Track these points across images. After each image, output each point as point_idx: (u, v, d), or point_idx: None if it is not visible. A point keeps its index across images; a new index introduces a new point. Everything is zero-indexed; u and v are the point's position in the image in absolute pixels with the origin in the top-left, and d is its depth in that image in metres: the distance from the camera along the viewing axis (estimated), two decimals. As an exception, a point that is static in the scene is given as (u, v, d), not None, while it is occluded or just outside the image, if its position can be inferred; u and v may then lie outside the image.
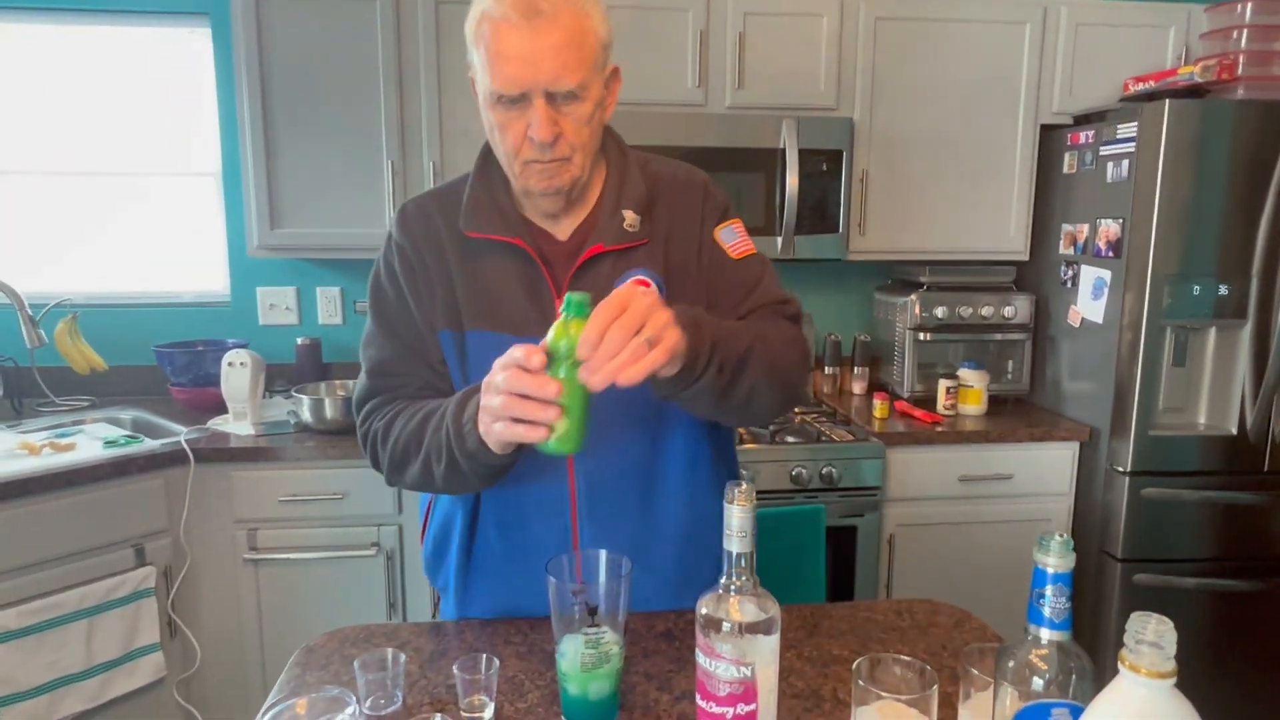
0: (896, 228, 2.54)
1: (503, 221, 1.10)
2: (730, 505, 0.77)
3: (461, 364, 1.11)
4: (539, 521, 1.13)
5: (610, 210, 1.10)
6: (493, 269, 1.10)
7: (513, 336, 1.06)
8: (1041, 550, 0.71)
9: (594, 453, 1.06)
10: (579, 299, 0.86)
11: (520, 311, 1.09)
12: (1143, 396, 2.23)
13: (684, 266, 1.13)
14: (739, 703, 0.77)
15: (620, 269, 1.10)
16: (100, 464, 1.92)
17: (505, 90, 0.98)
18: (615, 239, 1.09)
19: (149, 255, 2.67)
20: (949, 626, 1.16)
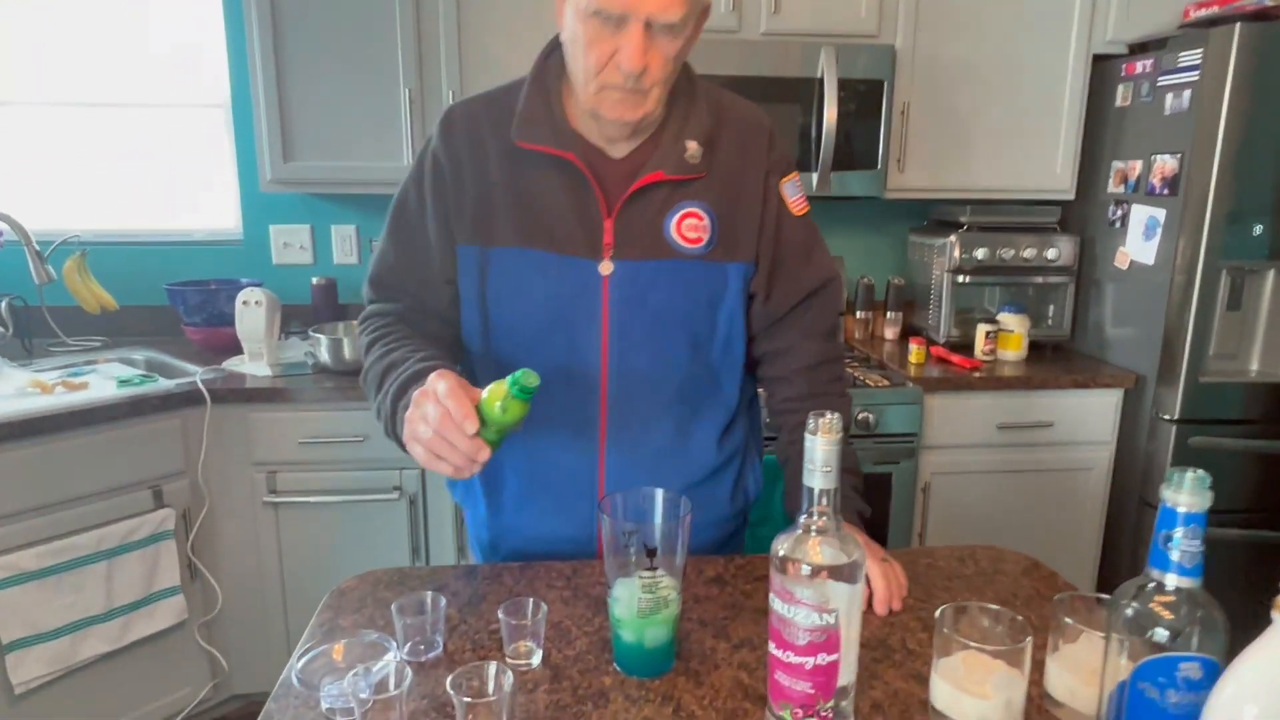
0: (937, 165, 2.42)
1: (556, 135, 1.04)
2: (814, 436, 0.69)
3: (482, 281, 1.07)
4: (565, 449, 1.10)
5: (673, 137, 1.05)
6: (540, 184, 1.05)
7: (556, 255, 1.04)
8: (1172, 487, 0.63)
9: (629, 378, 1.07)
10: (532, 386, 0.86)
11: (566, 230, 1.05)
12: (1194, 342, 2.14)
13: (739, 208, 1.09)
14: (820, 652, 0.70)
15: (675, 200, 1.06)
16: (115, 403, 1.86)
17: (607, 7, 0.91)
18: (676, 168, 1.04)
19: (158, 191, 2.58)
20: (1016, 574, 1.09)
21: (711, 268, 1.07)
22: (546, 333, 1.06)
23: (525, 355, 1.06)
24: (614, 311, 1.05)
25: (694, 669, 0.87)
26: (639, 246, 1.05)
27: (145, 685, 1.99)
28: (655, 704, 0.81)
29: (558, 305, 1.05)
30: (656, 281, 1.05)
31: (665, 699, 0.82)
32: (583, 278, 1.05)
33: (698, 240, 1.06)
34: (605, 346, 1.06)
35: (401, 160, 2.25)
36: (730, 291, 1.09)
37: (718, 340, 1.11)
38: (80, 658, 1.83)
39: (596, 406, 1.08)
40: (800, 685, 0.71)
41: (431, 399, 0.86)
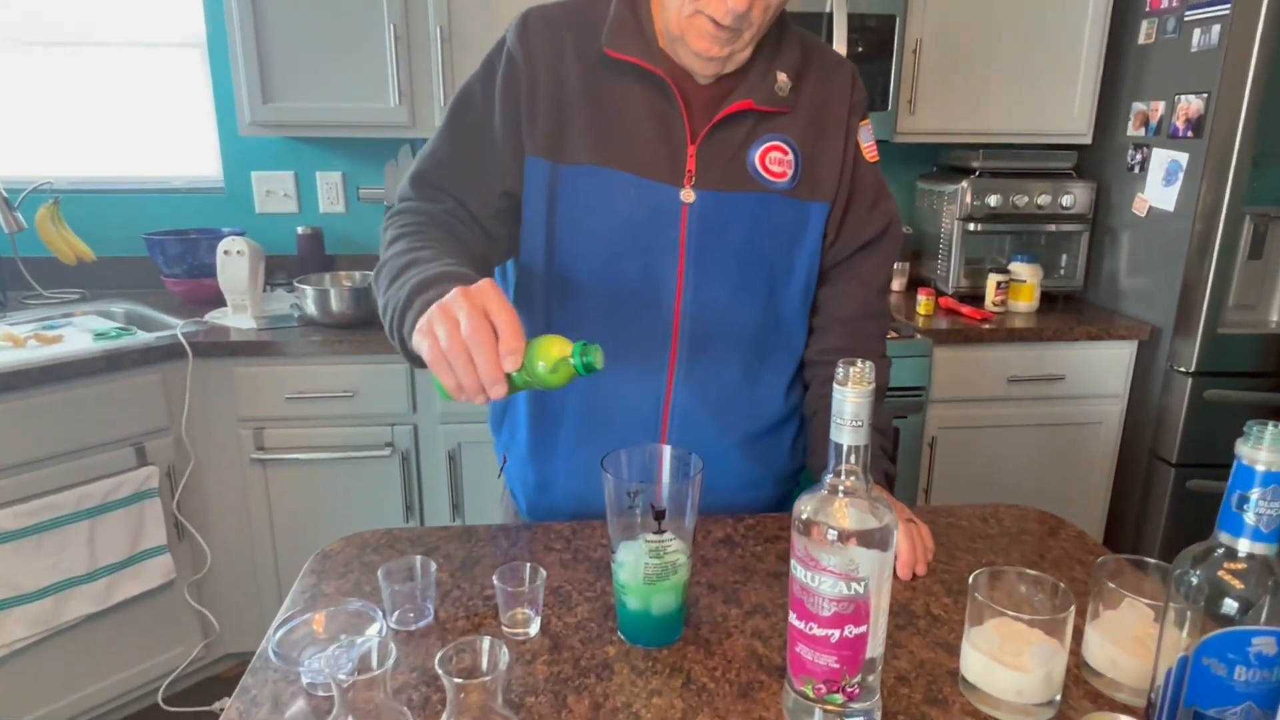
0: (951, 106, 2.32)
1: (647, 49, 0.96)
2: (843, 387, 0.62)
3: (551, 199, 0.98)
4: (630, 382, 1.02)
5: (763, 69, 0.99)
6: (624, 98, 0.97)
7: (635, 177, 0.97)
8: (1250, 442, 0.56)
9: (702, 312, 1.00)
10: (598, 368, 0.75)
11: (648, 150, 0.97)
12: (1214, 292, 2.06)
13: (822, 145, 1.03)
14: (847, 624, 0.63)
15: (760, 132, 1.00)
16: (91, 357, 1.78)
17: None
18: (764, 99, 0.98)
19: (134, 136, 2.46)
20: (1043, 534, 1.03)
21: (794, 205, 1.01)
22: (619, 259, 0.99)
23: (595, 282, 1.00)
24: (692, 243, 0.99)
25: (704, 638, 0.81)
26: (722, 176, 0.98)
27: (135, 646, 1.95)
28: (663, 676, 0.75)
29: (634, 231, 0.98)
30: (738, 214, 0.99)
31: (674, 670, 0.76)
32: (662, 204, 0.98)
33: (782, 174, 1.00)
34: (681, 278, 1.00)
35: (387, 101, 2.13)
36: (811, 232, 1.03)
37: (794, 284, 1.05)
38: (64, 619, 1.79)
39: (667, 342, 1.01)
40: (824, 659, 0.65)
41: (474, 307, 0.72)
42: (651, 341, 1.01)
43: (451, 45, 2.11)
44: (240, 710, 0.70)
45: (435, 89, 2.13)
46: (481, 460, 2.08)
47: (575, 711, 0.70)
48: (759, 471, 1.09)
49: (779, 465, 1.11)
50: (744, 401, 1.05)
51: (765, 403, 1.07)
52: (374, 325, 2.07)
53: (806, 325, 1.09)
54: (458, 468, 2.08)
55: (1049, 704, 0.70)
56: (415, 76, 2.13)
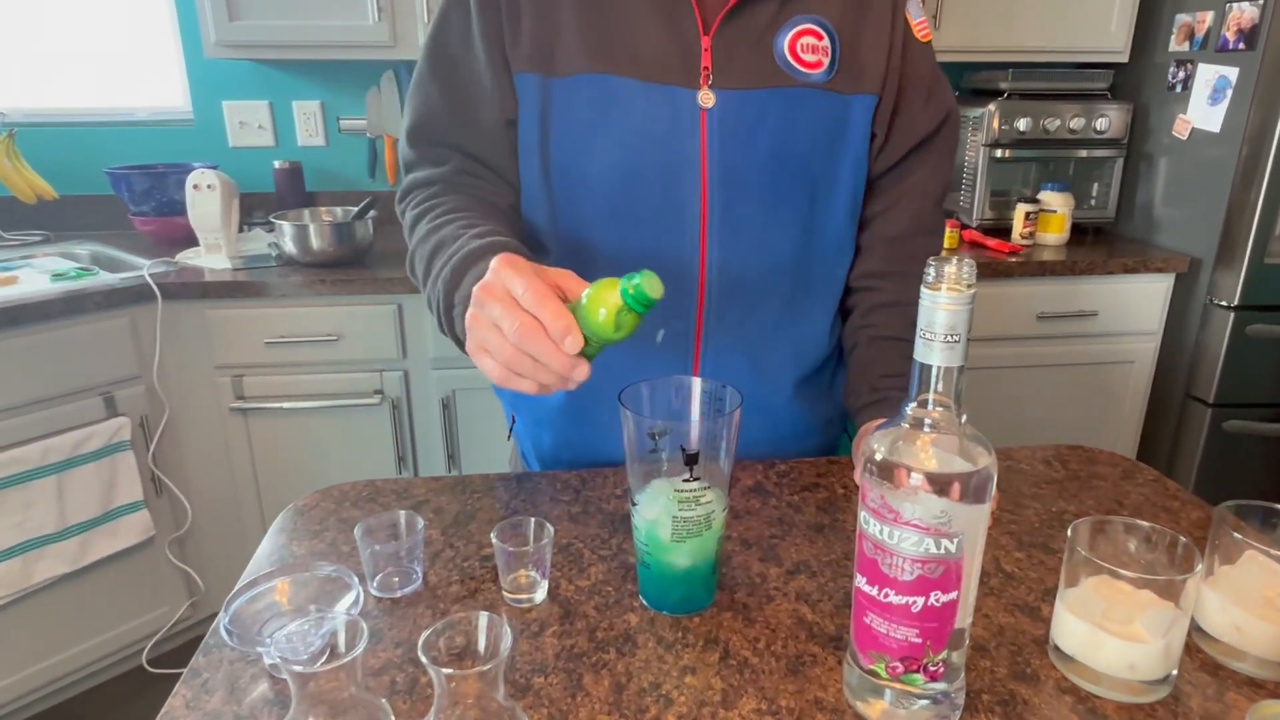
0: (978, 22, 2.14)
1: None
2: (934, 291, 0.48)
3: (544, 118, 0.84)
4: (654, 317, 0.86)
5: None
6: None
7: (641, 83, 0.81)
8: None
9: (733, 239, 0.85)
10: (654, 298, 0.61)
11: (653, 51, 0.81)
12: (1262, 219, 1.92)
13: (863, 26, 0.86)
14: (934, 590, 0.51)
15: (787, 14, 0.83)
16: (49, 300, 1.63)
17: None
18: None
19: (94, 64, 2.27)
20: (1116, 478, 0.91)
21: (834, 100, 0.84)
22: (629, 183, 0.84)
23: (603, 214, 0.85)
24: (715, 154, 0.83)
25: (741, 602, 0.68)
26: (745, 72, 0.82)
27: (115, 607, 1.84)
28: (696, 649, 0.63)
29: (645, 147, 0.83)
30: (767, 115, 0.83)
31: (709, 642, 0.64)
32: (676, 111, 0.82)
33: (817, 64, 0.83)
34: (705, 199, 0.84)
35: (365, 18, 1.95)
36: (855, 131, 0.86)
37: (839, 197, 0.89)
38: (35, 580, 1.67)
39: (694, 277, 0.86)
40: (903, 632, 0.52)
41: (504, 301, 0.62)
42: (675, 278, 0.85)
43: (435, -46, 1.92)
44: (187, 698, 0.58)
45: (418, 3, 1.95)
46: (479, 408, 1.95)
47: (593, 694, 0.58)
48: (806, 419, 0.95)
49: (829, 410, 0.97)
50: (787, 340, 0.91)
51: (811, 340, 0.92)
52: (358, 264, 1.92)
53: (854, 246, 0.93)
54: (453, 416, 1.95)
55: (1164, 681, 0.58)
56: (396, -10, 1.95)
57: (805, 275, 0.90)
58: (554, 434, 0.96)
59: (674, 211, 0.84)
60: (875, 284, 0.93)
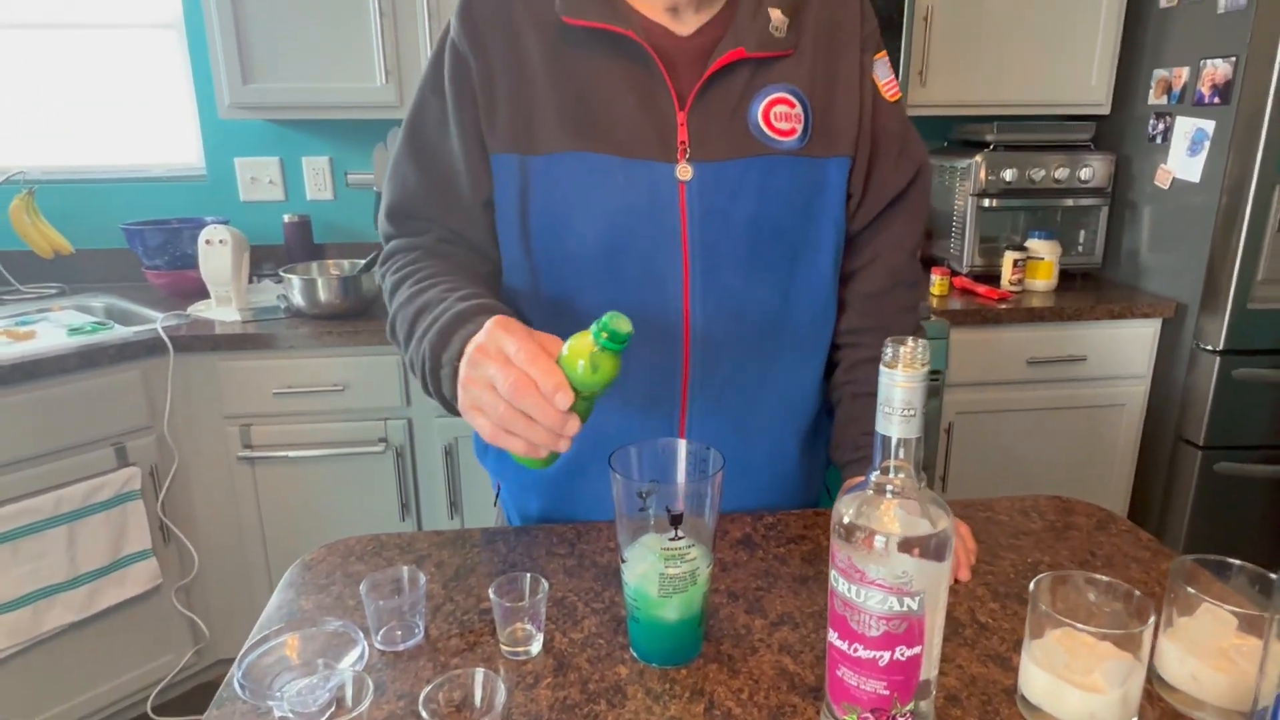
0: (963, 77, 2.22)
1: (610, 7, 0.84)
2: (891, 370, 0.53)
3: (523, 197, 0.87)
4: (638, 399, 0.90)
5: (753, 6, 0.86)
6: (594, 70, 0.84)
7: (620, 159, 0.83)
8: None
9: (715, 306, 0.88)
10: (625, 333, 0.65)
11: (630, 128, 0.84)
12: (1243, 266, 1.97)
13: (834, 90, 0.89)
14: (899, 645, 0.55)
15: (759, 83, 0.86)
16: (66, 354, 1.69)
17: None
18: (759, 44, 0.85)
19: (110, 122, 2.36)
20: (1091, 529, 0.94)
21: (809, 164, 0.88)
22: (611, 259, 0.86)
23: (586, 289, 0.88)
24: (696, 225, 0.86)
25: (726, 654, 0.72)
26: (721, 144, 0.85)
27: (122, 654, 1.87)
28: (683, 700, 0.66)
29: (626, 221, 0.85)
30: (745, 184, 0.86)
31: (695, 693, 0.67)
32: (655, 185, 0.84)
33: (791, 132, 0.87)
34: (687, 271, 0.87)
35: (373, 80, 2.03)
36: (831, 193, 0.90)
37: (821, 258, 0.92)
38: (45, 628, 1.70)
39: (678, 349, 0.88)
40: (872, 685, 0.56)
41: (498, 360, 0.66)
42: (660, 354, 0.88)
43: (439, 20, 2.01)
44: (202, 750, 0.62)
45: (423, 67, 2.03)
46: (480, 455, 1.99)
47: (584, 745, 0.62)
48: (792, 475, 0.98)
49: (814, 465, 1.01)
50: (772, 400, 0.93)
51: (797, 398, 0.95)
52: (364, 316, 1.97)
53: (837, 303, 0.96)
54: (455, 463, 1.99)
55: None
56: (402, 54, 2.03)
57: (789, 335, 0.92)
58: (540, 500, 0.98)
59: (656, 281, 0.87)
60: (857, 339, 0.97)
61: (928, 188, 0.99)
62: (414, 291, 0.84)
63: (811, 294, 0.93)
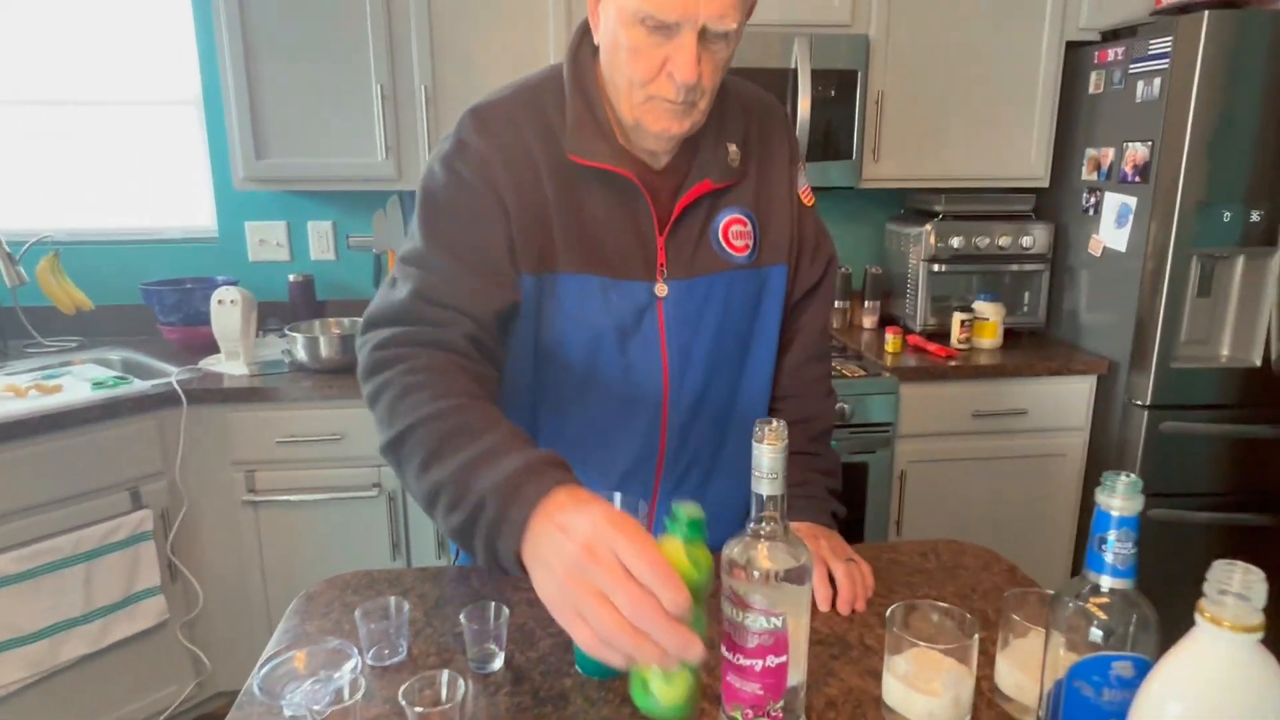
0: (912, 154, 2.43)
1: (610, 147, 0.97)
2: (760, 444, 0.70)
3: (538, 312, 0.97)
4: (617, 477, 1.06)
5: (714, 143, 1.01)
6: (594, 201, 0.98)
7: (611, 279, 0.98)
8: (1106, 491, 0.64)
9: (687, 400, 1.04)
10: (701, 517, 0.66)
11: (623, 252, 0.99)
12: (1165, 328, 2.16)
13: (773, 206, 1.06)
14: (769, 655, 0.71)
15: (720, 206, 1.02)
16: (89, 406, 1.86)
17: (660, 14, 0.84)
18: (721, 175, 1.01)
19: (131, 190, 2.56)
20: (977, 569, 1.11)
21: (757, 274, 1.04)
22: (605, 362, 1.02)
23: (582, 389, 1.02)
24: (671, 333, 1.02)
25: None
26: (691, 263, 1.01)
27: (128, 685, 2.00)
28: (614, 704, 0.82)
29: (617, 333, 1.00)
30: (710, 297, 1.02)
31: (623, 700, 0.83)
32: (639, 301, 1.00)
33: (744, 248, 1.03)
34: (666, 370, 1.03)
35: (375, 156, 2.24)
36: (772, 296, 1.06)
37: (765, 349, 1.08)
38: (61, 660, 1.84)
39: (657, 436, 1.04)
40: (750, 687, 0.73)
41: (612, 570, 0.61)
42: (641, 436, 1.04)
43: (436, 104, 2.22)
44: (227, 742, 0.78)
45: (420, 144, 2.24)
46: (466, 499, 2.15)
47: (532, 738, 0.78)
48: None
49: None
50: (728, 474, 1.08)
51: (746, 469, 1.08)
52: (362, 370, 2.15)
53: (770, 381, 1.12)
54: (443, 507, 2.15)
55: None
56: (401, 132, 2.24)
57: (738, 416, 1.09)
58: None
59: (640, 380, 1.02)
60: (779, 405, 1.14)
61: (836, 275, 1.18)
62: (439, 414, 0.80)
63: (758, 379, 1.10)
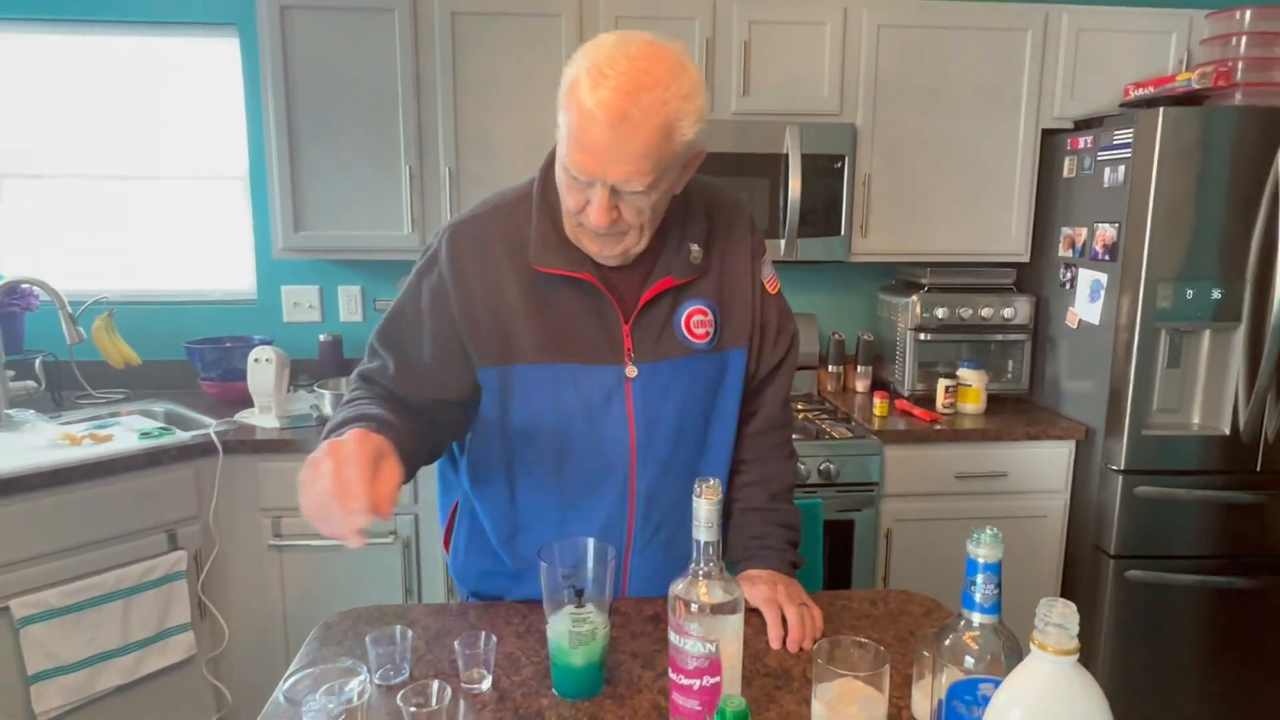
0: (898, 230, 2.60)
1: (568, 255, 1.11)
2: (698, 499, 0.86)
3: (505, 398, 1.14)
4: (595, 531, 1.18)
5: (677, 242, 1.14)
6: (561, 301, 1.12)
7: (581, 365, 1.13)
8: (973, 543, 0.79)
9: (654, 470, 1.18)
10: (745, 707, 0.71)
11: (589, 341, 1.13)
12: (1137, 397, 2.29)
13: (735, 296, 1.19)
14: (705, 675, 0.85)
15: (682, 299, 1.16)
16: (136, 454, 2.05)
17: (574, 171, 0.99)
18: (683, 272, 1.14)
19: (181, 255, 2.80)
20: (919, 615, 1.24)
21: (718, 358, 1.18)
22: (576, 438, 1.14)
23: (552, 466, 1.16)
24: (639, 411, 1.14)
25: (620, 693, 1.02)
26: (656, 348, 1.14)
27: (155, 716, 2.14)
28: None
29: (586, 413, 1.13)
30: (675, 379, 1.15)
31: (591, 718, 0.97)
32: (608, 383, 1.13)
33: (705, 335, 1.17)
34: (633, 444, 1.16)
35: (402, 229, 2.45)
36: (732, 376, 1.20)
37: (725, 423, 1.22)
38: (97, 689, 1.99)
39: (626, 503, 1.18)
40: (690, 703, 0.87)
41: (316, 473, 0.90)
42: (613, 504, 1.17)
43: (459, 182, 2.44)
44: (256, 743, 0.93)
45: (443, 218, 2.45)
46: (475, 547, 2.30)
47: (510, 746, 0.92)
48: None
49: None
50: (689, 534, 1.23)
51: None
52: (383, 425, 2.33)
53: (732, 450, 1.25)
54: (453, 554, 2.30)
55: (873, 745, 0.91)
56: (427, 208, 2.46)
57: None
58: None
59: (610, 454, 1.15)
60: (742, 467, 1.28)
61: (797, 353, 1.32)
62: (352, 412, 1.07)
63: (720, 449, 1.24)
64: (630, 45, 0.97)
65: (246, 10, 2.51)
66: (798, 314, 2.82)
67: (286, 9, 2.33)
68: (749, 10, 2.43)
